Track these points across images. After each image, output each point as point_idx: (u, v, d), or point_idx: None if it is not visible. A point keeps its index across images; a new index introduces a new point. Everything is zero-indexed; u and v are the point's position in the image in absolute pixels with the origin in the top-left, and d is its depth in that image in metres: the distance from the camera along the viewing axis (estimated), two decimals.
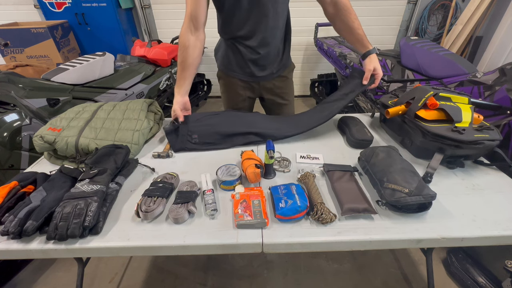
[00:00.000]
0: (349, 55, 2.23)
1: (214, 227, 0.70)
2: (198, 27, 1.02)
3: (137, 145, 0.99)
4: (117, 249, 0.67)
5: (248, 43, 1.13)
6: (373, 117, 1.27)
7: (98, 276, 1.40)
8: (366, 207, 0.72)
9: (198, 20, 1.00)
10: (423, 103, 0.91)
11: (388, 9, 3.09)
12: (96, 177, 0.76)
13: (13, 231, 0.63)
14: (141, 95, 2.22)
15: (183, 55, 1.03)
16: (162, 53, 2.43)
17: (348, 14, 1.05)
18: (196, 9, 0.99)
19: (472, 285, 1.23)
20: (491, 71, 1.38)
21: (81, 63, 1.82)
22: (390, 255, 1.48)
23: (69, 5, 2.78)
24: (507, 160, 0.86)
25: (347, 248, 0.69)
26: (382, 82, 1.81)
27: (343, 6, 1.04)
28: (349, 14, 1.05)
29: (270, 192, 0.80)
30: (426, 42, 1.73)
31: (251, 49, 1.14)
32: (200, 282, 1.36)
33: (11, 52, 2.70)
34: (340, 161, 0.94)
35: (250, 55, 1.16)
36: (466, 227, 0.69)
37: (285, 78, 1.30)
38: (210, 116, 1.12)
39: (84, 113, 1.07)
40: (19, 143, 1.44)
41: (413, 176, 0.74)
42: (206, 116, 1.12)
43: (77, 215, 0.65)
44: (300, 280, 1.37)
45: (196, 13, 0.99)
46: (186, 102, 1.07)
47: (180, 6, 3.04)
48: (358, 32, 1.06)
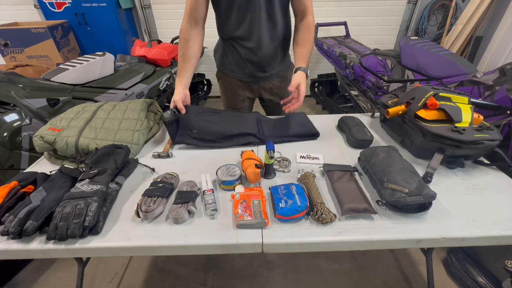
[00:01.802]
0: (349, 55, 2.23)
1: (214, 227, 0.70)
2: (198, 22, 1.06)
3: (137, 145, 0.99)
4: (117, 249, 0.67)
5: (245, 44, 1.13)
6: (373, 117, 1.27)
7: (98, 276, 1.40)
8: (366, 207, 0.72)
9: (197, 16, 1.05)
10: (423, 103, 0.91)
11: (388, 9, 3.09)
12: (96, 177, 0.76)
13: (13, 231, 0.63)
14: (141, 95, 2.22)
15: (184, 48, 1.06)
16: (162, 53, 2.43)
17: (306, 32, 1.12)
18: (196, 5, 1.02)
19: (472, 285, 1.23)
20: (491, 71, 1.37)
21: (81, 63, 1.82)
22: (390, 255, 1.48)
23: (69, 5, 2.77)
24: (507, 160, 0.86)
25: (347, 248, 0.69)
26: (382, 82, 1.81)
27: (307, 24, 1.11)
28: (308, 33, 1.12)
29: (270, 192, 0.80)
30: (426, 42, 1.72)
31: (249, 50, 1.14)
32: (200, 282, 1.36)
33: (11, 52, 2.70)
34: (340, 161, 0.94)
35: (248, 56, 1.16)
36: (466, 227, 0.69)
37: (285, 78, 1.29)
38: (210, 113, 1.12)
39: (84, 113, 1.07)
40: (19, 143, 1.44)
41: (413, 176, 0.74)
42: (207, 112, 1.12)
43: (77, 215, 0.65)
44: (300, 280, 1.37)
45: (195, 9, 1.03)
46: (187, 95, 1.09)
47: (180, 6, 3.04)
48: (303, 51, 1.12)
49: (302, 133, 1.10)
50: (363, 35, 3.15)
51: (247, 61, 1.18)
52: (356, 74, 2.10)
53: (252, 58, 1.17)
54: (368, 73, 1.94)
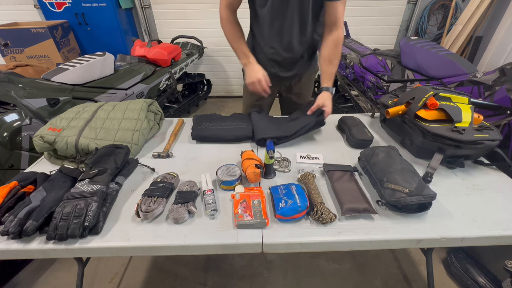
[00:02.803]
0: (349, 55, 2.23)
1: (214, 227, 0.70)
2: (234, 11, 1.13)
3: (137, 145, 0.99)
4: (117, 249, 0.67)
5: (273, 45, 1.15)
6: (373, 117, 1.27)
7: (98, 276, 1.40)
8: (366, 207, 0.72)
9: (234, 7, 1.11)
10: (423, 103, 0.91)
11: (388, 9, 3.09)
12: (96, 177, 0.76)
13: (13, 231, 0.63)
14: (141, 95, 2.21)
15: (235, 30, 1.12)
16: (162, 53, 2.43)
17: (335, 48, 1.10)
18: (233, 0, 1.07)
19: (472, 285, 1.23)
20: (491, 71, 1.37)
21: (81, 63, 1.82)
22: (390, 255, 1.48)
23: (69, 5, 2.78)
24: (507, 160, 0.86)
25: (347, 248, 0.69)
26: (382, 82, 1.81)
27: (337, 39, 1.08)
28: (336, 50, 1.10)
29: (270, 192, 0.80)
30: (426, 42, 1.72)
31: (275, 51, 1.16)
32: (200, 282, 1.36)
33: (11, 52, 2.70)
34: (340, 161, 0.94)
35: (273, 56, 1.18)
36: (466, 227, 0.69)
37: (308, 79, 1.31)
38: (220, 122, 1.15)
39: (84, 113, 1.07)
40: (19, 143, 1.44)
41: (413, 176, 0.74)
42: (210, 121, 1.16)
43: (77, 215, 0.65)
44: (300, 280, 1.37)
45: (233, 2, 1.08)
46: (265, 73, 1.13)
47: (180, 6, 3.04)
48: (330, 69, 1.12)
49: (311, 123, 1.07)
50: (363, 35, 3.15)
51: (271, 61, 1.20)
52: (356, 74, 2.10)
53: (277, 59, 1.18)
54: (368, 73, 1.94)
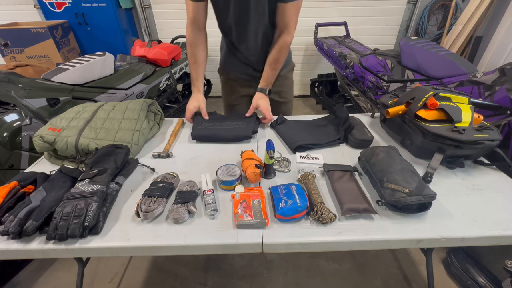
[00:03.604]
0: (349, 55, 2.23)
1: (214, 227, 0.70)
2: (201, 28, 1.13)
3: (137, 145, 0.99)
4: (117, 249, 0.67)
5: (240, 48, 1.19)
6: (373, 117, 1.27)
7: (98, 276, 1.40)
8: (366, 207, 0.72)
9: (199, 24, 1.11)
10: (423, 103, 0.91)
11: (388, 9, 3.09)
12: (96, 177, 0.76)
13: (13, 231, 0.63)
14: (141, 95, 2.22)
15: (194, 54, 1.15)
16: (162, 53, 2.43)
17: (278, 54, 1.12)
18: (197, 14, 1.08)
19: (472, 285, 1.23)
20: (491, 71, 1.37)
21: (81, 63, 1.82)
22: (390, 255, 1.48)
23: (69, 5, 2.78)
24: (507, 160, 0.86)
25: (347, 248, 0.69)
26: (382, 82, 1.81)
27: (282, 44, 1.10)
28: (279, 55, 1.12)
29: (270, 192, 0.80)
30: (426, 42, 1.72)
31: (243, 54, 1.20)
32: (200, 282, 1.36)
33: (11, 52, 2.71)
34: (340, 161, 0.94)
35: (244, 59, 1.22)
36: (466, 227, 0.69)
37: (284, 77, 1.31)
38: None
39: (84, 113, 1.07)
40: (19, 143, 1.44)
41: (413, 176, 0.74)
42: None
43: (77, 215, 0.65)
44: (300, 280, 1.37)
45: (197, 18, 1.09)
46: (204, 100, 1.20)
47: (180, 6, 3.04)
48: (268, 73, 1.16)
49: None
50: (363, 35, 3.15)
51: (243, 63, 1.24)
52: (356, 74, 2.10)
53: (248, 62, 1.23)
54: (368, 73, 1.94)
